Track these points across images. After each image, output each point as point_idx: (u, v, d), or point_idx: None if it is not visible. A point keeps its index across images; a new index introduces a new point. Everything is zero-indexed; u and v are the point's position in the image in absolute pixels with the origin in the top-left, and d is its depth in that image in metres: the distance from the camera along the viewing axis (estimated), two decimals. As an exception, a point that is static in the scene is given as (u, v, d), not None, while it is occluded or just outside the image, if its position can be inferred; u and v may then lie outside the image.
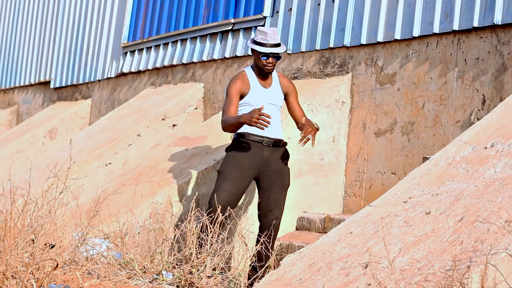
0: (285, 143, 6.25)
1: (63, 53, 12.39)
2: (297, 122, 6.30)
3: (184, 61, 9.59)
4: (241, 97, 6.11)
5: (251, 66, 6.23)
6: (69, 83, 12.17)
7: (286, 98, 6.31)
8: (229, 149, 6.19)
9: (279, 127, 6.21)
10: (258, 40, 6.04)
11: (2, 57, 14.42)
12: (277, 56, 6.07)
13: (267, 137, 6.12)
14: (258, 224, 6.27)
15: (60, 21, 12.62)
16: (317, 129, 6.05)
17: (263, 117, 5.75)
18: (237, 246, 5.96)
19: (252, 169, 6.11)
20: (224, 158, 6.20)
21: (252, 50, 6.11)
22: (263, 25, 8.43)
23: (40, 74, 13.07)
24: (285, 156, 6.22)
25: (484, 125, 5.40)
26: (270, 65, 6.09)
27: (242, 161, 6.09)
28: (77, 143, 9.43)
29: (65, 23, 12.47)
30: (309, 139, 5.96)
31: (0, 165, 10.93)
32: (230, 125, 5.99)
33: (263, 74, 6.16)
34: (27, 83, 13.51)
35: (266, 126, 5.78)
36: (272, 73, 6.23)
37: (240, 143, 6.12)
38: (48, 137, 11.58)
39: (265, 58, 6.06)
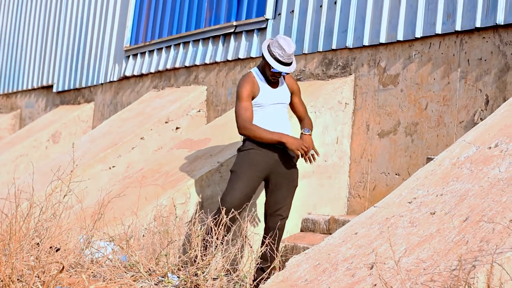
0: None
1: (66, 57, 12.40)
2: (300, 120, 6.43)
3: (187, 64, 9.60)
4: (252, 98, 6.19)
5: (258, 67, 6.26)
6: (71, 87, 12.17)
7: (290, 96, 6.35)
8: (242, 149, 6.21)
9: (288, 126, 6.26)
10: (274, 54, 6.06)
11: (4, 61, 14.43)
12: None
13: None
14: (263, 225, 6.28)
15: (62, 25, 12.63)
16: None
17: (314, 155, 6.15)
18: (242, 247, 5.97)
19: (264, 169, 6.16)
20: (237, 158, 6.22)
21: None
22: (265, 28, 8.44)
23: (43, 78, 13.08)
24: (295, 157, 6.26)
25: (487, 125, 5.40)
26: (277, 78, 6.19)
27: (256, 161, 6.14)
28: (80, 147, 9.43)
29: (67, 26, 12.48)
30: (313, 156, 6.17)
31: (4, 169, 10.94)
32: (258, 136, 6.08)
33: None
34: (29, 87, 13.51)
35: (311, 162, 6.15)
36: None
37: (254, 144, 6.16)
38: (51, 141, 11.58)
39: (275, 70, 6.11)
